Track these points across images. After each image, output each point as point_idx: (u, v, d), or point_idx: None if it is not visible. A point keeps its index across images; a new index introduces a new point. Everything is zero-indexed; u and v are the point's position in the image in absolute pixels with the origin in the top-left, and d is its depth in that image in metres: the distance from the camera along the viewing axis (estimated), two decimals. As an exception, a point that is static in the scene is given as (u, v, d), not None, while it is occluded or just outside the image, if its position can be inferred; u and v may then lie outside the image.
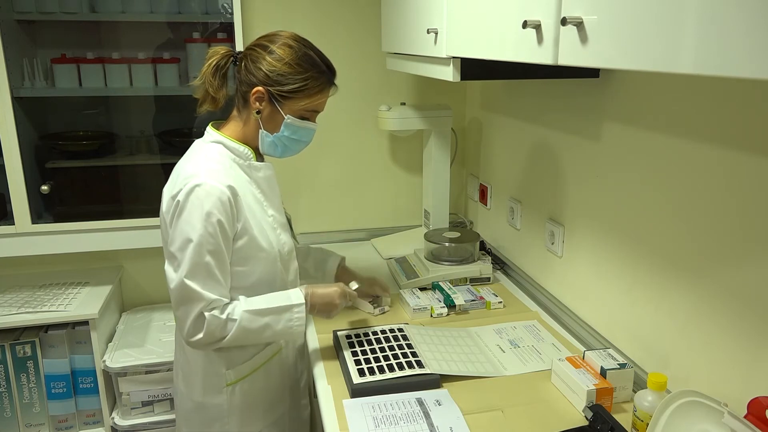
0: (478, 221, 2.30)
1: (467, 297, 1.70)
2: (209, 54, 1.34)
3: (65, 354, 1.91)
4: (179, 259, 1.24)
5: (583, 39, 0.84)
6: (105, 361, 1.89)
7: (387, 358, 1.37)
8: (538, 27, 0.96)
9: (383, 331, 1.50)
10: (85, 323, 1.88)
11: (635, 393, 1.15)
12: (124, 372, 1.89)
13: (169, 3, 2.00)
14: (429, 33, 1.46)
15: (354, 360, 1.37)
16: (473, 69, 1.41)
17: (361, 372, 1.32)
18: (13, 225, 1.89)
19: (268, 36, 1.34)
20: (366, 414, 1.21)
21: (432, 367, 1.33)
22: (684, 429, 0.98)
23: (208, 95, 1.35)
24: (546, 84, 1.71)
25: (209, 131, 1.39)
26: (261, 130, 1.35)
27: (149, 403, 1.95)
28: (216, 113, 1.41)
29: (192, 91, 1.39)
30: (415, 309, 1.65)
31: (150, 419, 1.95)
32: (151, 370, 1.91)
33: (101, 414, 1.96)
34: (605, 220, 1.44)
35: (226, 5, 1.97)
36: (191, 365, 1.39)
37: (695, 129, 1.13)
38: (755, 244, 1.01)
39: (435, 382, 1.30)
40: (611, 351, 1.30)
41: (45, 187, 1.95)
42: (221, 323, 1.25)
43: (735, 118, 1.04)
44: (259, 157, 1.44)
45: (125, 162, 2.14)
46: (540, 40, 0.96)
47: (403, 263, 1.94)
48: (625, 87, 1.34)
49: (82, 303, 1.91)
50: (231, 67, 1.36)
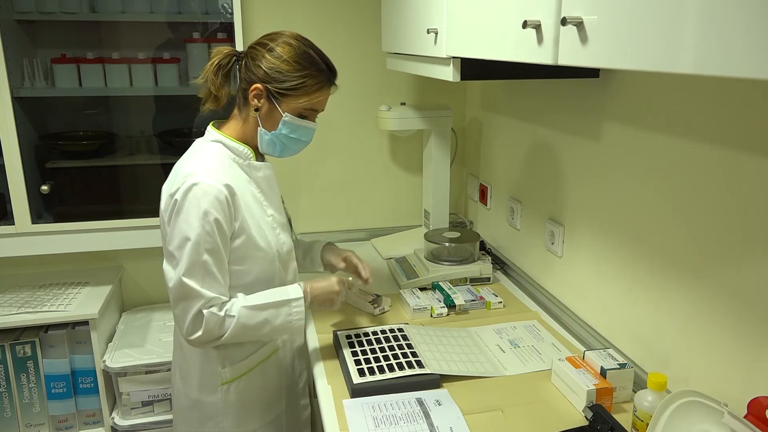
0: (478, 221, 2.30)
1: (467, 297, 1.70)
2: (213, 53, 1.35)
3: (65, 354, 1.91)
4: (177, 258, 1.24)
5: (583, 39, 0.84)
6: (105, 361, 1.89)
7: (387, 358, 1.37)
8: (538, 27, 0.96)
9: (383, 331, 1.50)
10: (85, 323, 1.88)
11: (635, 393, 1.15)
12: (124, 372, 1.89)
13: (169, 3, 2.00)
14: (429, 33, 1.46)
15: (354, 360, 1.37)
16: (473, 69, 1.41)
17: (361, 372, 1.32)
18: (13, 225, 1.89)
19: (270, 35, 1.35)
20: (366, 414, 1.21)
21: (432, 367, 1.33)
22: (684, 429, 0.98)
23: (210, 94, 1.36)
24: (546, 84, 1.71)
25: (210, 130, 1.39)
26: (259, 127, 1.35)
27: (149, 403, 1.94)
28: (219, 113, 1.42)
29: (196, 90, 1.39)
30: (415, 309, 1.65)
31: (150, 419, 1.94)
32: (151, 370, 1.91)
33: (101, 414, 1.96)
34: (605, 220, 1.44)
35: (226, 5, 1.97)
36: (188, 363, 1.40)
37: (695, 129, 1.13)
38: (755, 244, 1.01)
39: (435, 382, 1.30)
40: (611, 351, 1.30)
41: (45, 187, 1.95)
42: (219, 320, 1.26)
43: (735, 118, 1.04)
44: (260, 157, 1.44)
45: (125, 162, 2.14)
46: (540, 40, 0.96)
47: (403, 263, 1.94)
48: (625, 87, 1.34)
49: (82, 303, 1.91)
50: (234, 67, 1.37)
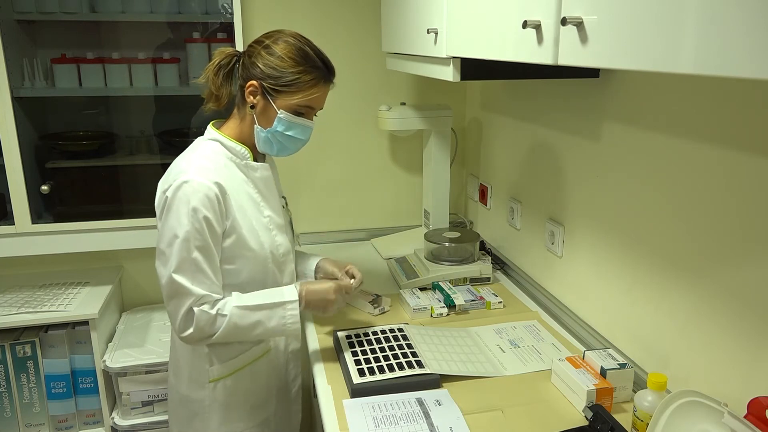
0: (478, 221, 2.30)
1: (467, 297, 1.70)
2: (215, 54, 1.35)
3: (65, 354, 1.91)
4: (167, 255, 1.24)
5: (583, 39, 0.84)
6: (105, 361, 1.89)
7: (387, 358, 1.37)
8: (538, 27, 0.96)
9: (383, 331, 1.50)
10: (85, 323, 1.88)
11: (635, 393, 1.15)
12: (124, 372, 1.89)
13: (169, 3, 2.00)
14: (429, 33, 1.46)
15: (354, 360, 1.37)
16: (473, 69, 1.41)
17: (361, 372, 1.32)
18: (13, 225, 1.89)
19: (269, 33, 1.35)
20: (366, 414, 1.21)
21: (432, 367, 1.33)
22: (684, 429, 0.98)
23: (212, 94, 1.37)
24: (546, 84, 1.71)
25: (209, 129, 1.39)
26: (255, 125, 1.35)
27: (149, 403, 1.94)
28: (220, 112, 1.42)
29: (199, 90, 1.40)
30: (415, 309, 1.65)
31: (150, 419, 1.94)
32: (151, 370, 1.91)
33: (101, 414, 1.96)
34: (605, 220, 1.44)
35: (226, 5, 1.97)
36: (179, 359, 1.41)
37: (695, 129, 1.13)
38: (755, 244, 1.01)
39: (435, 382, 1.30)
40: (611, 351, 1.30)
41: (45, 187, 1.95)
42: (211, 319, 1.25)
43: (735, 118, 1.04)
44: (261, 158, 1.44)
45: (125, 162, 2.14)
46: (540, 40, 0.96)
47: (403, 263, 1.94)
48: (625, 87, 1.34)
49: (82, 303, 1.91)
50: (235, 67, 1.37)
